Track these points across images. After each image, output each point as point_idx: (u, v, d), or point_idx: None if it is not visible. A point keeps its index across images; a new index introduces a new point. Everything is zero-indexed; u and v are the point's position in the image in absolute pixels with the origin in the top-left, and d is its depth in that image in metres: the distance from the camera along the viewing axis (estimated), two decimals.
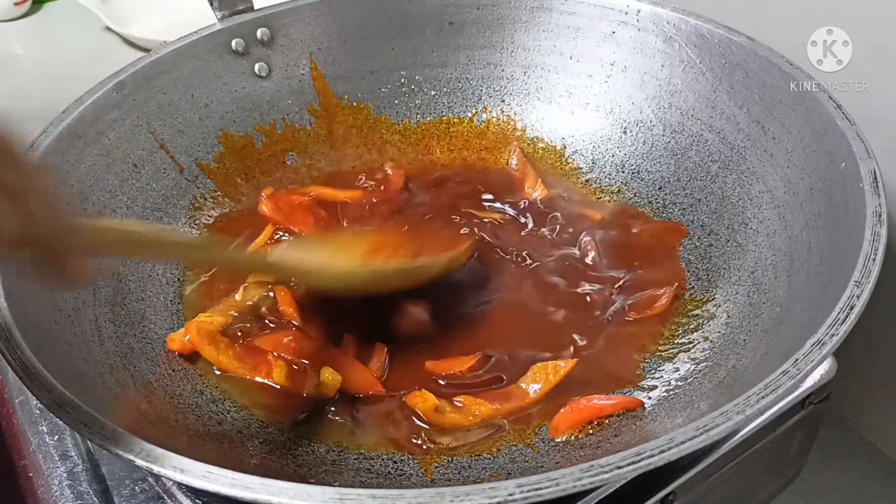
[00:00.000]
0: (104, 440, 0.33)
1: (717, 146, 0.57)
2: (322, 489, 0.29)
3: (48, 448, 0.46)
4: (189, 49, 0.61)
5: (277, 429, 0.46)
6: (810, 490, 0.62)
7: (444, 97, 0.69)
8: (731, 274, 0.51)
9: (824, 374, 0.47)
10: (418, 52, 0.68)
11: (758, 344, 0.44)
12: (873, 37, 0.55)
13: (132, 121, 0.57)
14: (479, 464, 0.43)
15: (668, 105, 0.60)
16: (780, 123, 0.52)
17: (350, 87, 0.68)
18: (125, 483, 0.44)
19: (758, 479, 0.50)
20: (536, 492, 0.29)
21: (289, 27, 0.65)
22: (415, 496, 0.29)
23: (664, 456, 0.30)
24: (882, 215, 0.40)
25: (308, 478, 0.42)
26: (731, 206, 0.54)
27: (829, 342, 0.34)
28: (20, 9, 1.00)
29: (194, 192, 0.60)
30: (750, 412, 0.32)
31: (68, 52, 0.93)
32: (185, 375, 0.48)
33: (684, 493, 0.43)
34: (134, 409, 0.42)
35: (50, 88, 0.84)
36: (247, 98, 0.64)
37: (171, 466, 0.31)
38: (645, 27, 0.61)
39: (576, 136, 0.65)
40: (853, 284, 0.37)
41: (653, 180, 0.60)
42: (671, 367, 0.48)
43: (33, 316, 0.42)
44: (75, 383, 0.37)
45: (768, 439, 0.46)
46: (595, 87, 0.64)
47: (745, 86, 0.55)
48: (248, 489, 0.30)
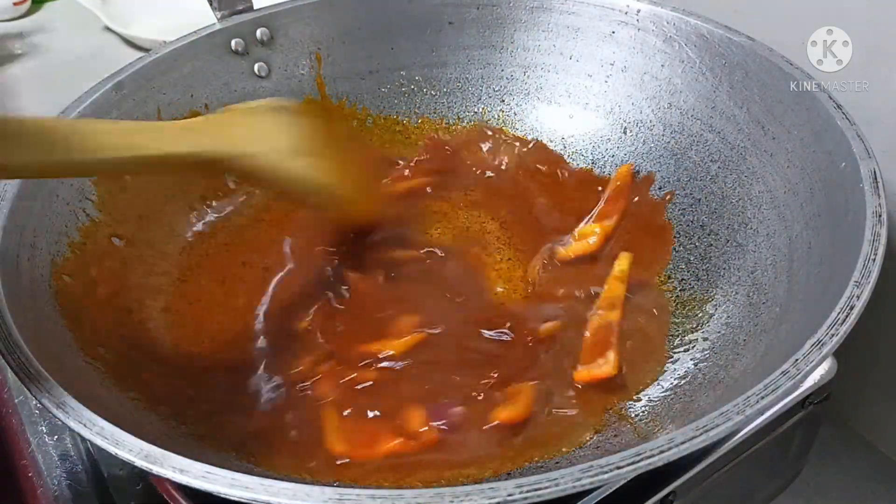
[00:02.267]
0: (104, 440, 0.33)
1: (717, 146, 0.57)
2: (321, 489, 0.29)
3: (48, 448, 0.46)
4: (189, 49, 0.60)
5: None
6: (810, 490, 0.62)
7: (444, 97, 0.69)
8: (730, 274, 0.51)
9: (824, 374, 0.47)
10: (418, 52, 0.68)
11: (758, 344, 0.44)
12: (873, 37, 0.55)
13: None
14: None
15: (668, 105, 0.60)
16: (780, 123, 0.52)
17: (350, 87, 0.68)
18: (125, 483, 0.44)
19: (758, 479, 0.50)
20: (536, 492, 0.29)
21: (288, 27, 0.65)
22: (414, 496, 0.29)
23: (664, 456, 0.30)
24: (882, 215, 0.40)
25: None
26: (731, 206, 0.54)
27: (829, 342, 0.34)
28: (20, 9, 1.00)
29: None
30: (750, 412, 0.32)
31: (68, 52, 0.93)
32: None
33: (684, 493, 0.43)
34: (133, 408, 0.42)
35: (50, 88, 0.84)
36: (246, 98, 0.64)
37: (171, 466, 0.31)
38: (645, 27, 0.61)
39: (576, 136, 0.65)
40: (853, 284, 0.37)
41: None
42: (671, 367, 0.48)
43: (33, 316, 0.42)
44: (75, 383, 0.37)
45: (768, 439, 0.46)
46: (595, 87, 0.64)
47: (745, 86, 0.55)
48: (248, 489, 0.30)
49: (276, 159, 0.45)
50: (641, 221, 0.58)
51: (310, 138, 0.48)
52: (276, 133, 0.47)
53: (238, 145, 0.43)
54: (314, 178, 0.48)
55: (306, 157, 0.47)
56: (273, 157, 0.45)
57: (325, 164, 0.49)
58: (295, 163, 0.46)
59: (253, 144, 0.44)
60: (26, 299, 0.42)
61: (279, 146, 0.46)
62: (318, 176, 0.48)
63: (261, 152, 0.44)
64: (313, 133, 0.49)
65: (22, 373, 0.36)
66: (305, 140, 0.48)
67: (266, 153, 0.44)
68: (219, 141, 0.43)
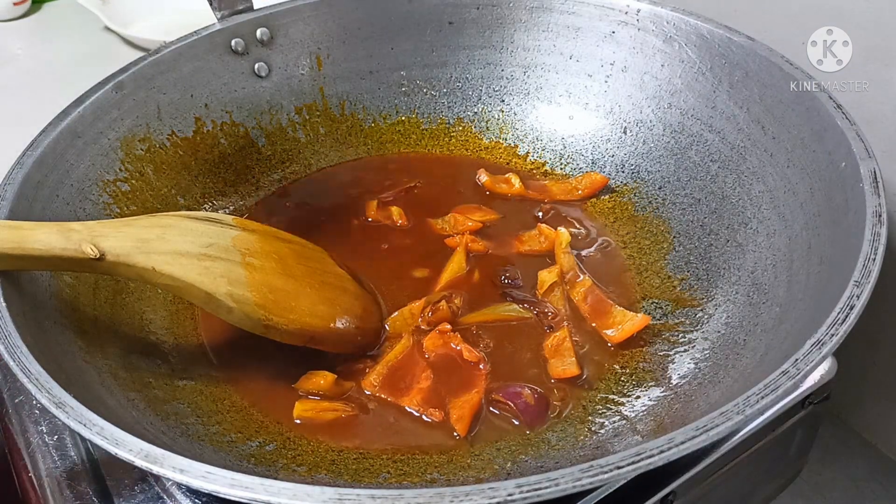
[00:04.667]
0: (104, 440, 0.33)
1: (717, 146, 0.57)
2: (321, 489, 0.29)
3: (48, 448, 0.46)
4: (189, 49, 0.61)
5: (277, 429, 0.46)
6: (810, 490, 0.62)
7: (443, 97, 0.69)
8: (731, 274, 0.51)
9: (824, 374, 0.47)
10: (418, 52, 0.68)
11: (758, 344, 0.44)
12: (873, 37, 0.55)
13: (132, 121, 0.57)
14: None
15: (668, 105, 0.60)
16: (780, 123, 0.52)
17: (350, 86, 0.68)
18: (125, 483, 0.44)
19: (758, 479, 0.50)
20: (536, 492, 0.29)
21: (288, 27, 0.65)
22: (414, 496, 0.29)
23: (664, 456, 0.30)
24: (882, 215, 0.40)
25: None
26: (731, 206, 0.54)
27: (829, 342, 0.34)
28: (20, 9, 1.00)
29: (195, 191, 0.60)
30: (750, 412, 0.32)
31: (68, 52, 0.93)
32: (184, 375, 0.48)
33: (684, 493, 0.43)
34: (133, 408, 0.42)
35: (50, 88, 0.84)
36: (247, 98, 0.64)
37: (171, 466, 0.31)
38: (645, 27, 0.61)
39: (576, 136, 0.65)
40: (853, 284, 0.37)
41: (653, 180, 0.60)
42: (671, 367, 0.48)
43: (33, 316, 0.42)
44: (75, 383, 0.37)
45: (768, 439, 0.46)
46: (595, 87, 0.64)
47: (745, 86, 0.55)
48: (248, 489, 0.30)
49: (159, 260, 0.43)
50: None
51: (218, 245, 0.46)
52: (169, 235, 0.45)
53: (110, 244, 0.43)
54: (201, 281, 0.44)
55: (200, 261, 0.44)
56: (155, 257, 0.43)
57: (234, 272, 0.46)
58: (179, 263, 0.44)
59: (130, 243, 0.43)
60: (26, 300, 0.42)
61: (164, 247, 0.44)
62: (210, 280, 0.44)
63: (133, 252, 0.43)
64: (233, 241, 0.47)
65: (22, 373, 0.36)
66: (210, 245, 0.46)
67: (140, 252, 0.43)
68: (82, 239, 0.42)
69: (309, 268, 0.50)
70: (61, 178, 0.50)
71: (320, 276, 0.51)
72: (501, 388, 0.47)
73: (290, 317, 0.47)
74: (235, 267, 0.46)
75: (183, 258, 0.44)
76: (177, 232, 0.45)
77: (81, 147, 0.53)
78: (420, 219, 0.61)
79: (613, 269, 0.56)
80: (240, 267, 0.46)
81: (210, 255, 0.45)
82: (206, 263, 0.45)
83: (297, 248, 0.52)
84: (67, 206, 0.50)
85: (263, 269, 0.47)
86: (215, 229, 0.47)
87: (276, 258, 0.49)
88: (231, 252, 0.46)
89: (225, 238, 0.47)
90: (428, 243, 0.59)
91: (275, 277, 0.48)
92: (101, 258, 0.42)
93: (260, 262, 0.47)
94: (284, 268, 0.49)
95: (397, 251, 0.58)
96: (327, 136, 0.67)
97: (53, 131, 0.51)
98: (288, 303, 0.47)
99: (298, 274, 0.49)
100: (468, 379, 0.48)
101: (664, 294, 0.53)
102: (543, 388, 0.47)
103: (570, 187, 0.62)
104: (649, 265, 0.56)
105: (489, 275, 0.56)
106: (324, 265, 0.52)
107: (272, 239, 0.50)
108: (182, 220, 0.46)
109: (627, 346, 0.50)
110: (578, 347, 0.50)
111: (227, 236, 0.47)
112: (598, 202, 0.62)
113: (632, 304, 0.53)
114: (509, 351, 0.50)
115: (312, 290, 0.49)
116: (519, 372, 0.49)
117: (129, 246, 0.43)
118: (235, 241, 0.47)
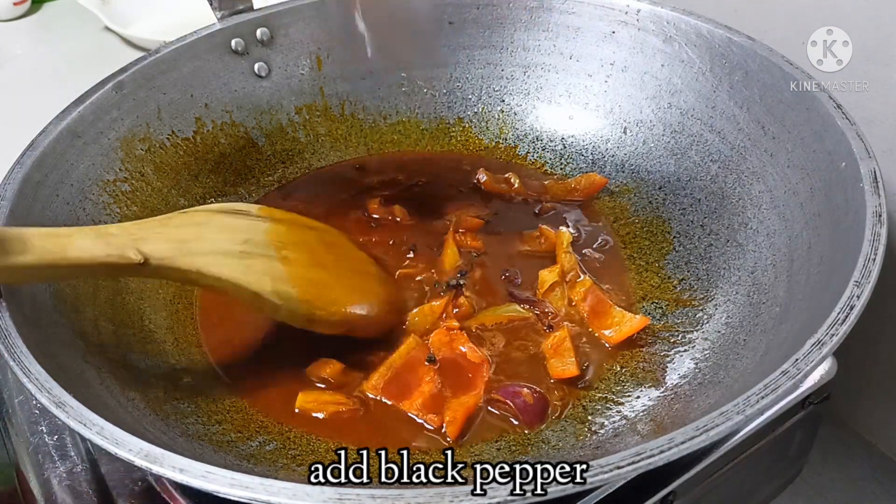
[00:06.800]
0: (104, 440, 0.33)
1: (717, 146, 0.57)
2: (321, 489, 0.29)
3: (48, 448, 0.46)
4: (189, 49, 0.60)
5: (277, 429, 0.46)
6: (810, 490, 0.62)
7: (443, 97, 0.69)
8: (731, 274, 0.51)
9: (824, 374, 0.47)
10: (418, 52, 0.68)
11: (758, 344, 0.44)
12: (873, 37, 0.55)
13: (132, 121, 0.57)
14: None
15: (668, 105, 0.60)
16: (780, 123, 0.52)
17: (350, 86, 0.68)
18: (125, 483, 0.44)
19: (758, 479, 0.50)
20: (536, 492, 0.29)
21: (288, 27, 0.65)
22: (414, 496, 0.29)
23: (664, 456, 0.30)
24: (882, 215, 0.40)
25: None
26: (731, 206, 0.54)
27: (829, 342, 0.34)
28: (20, 9, 1.00)
29: (195, 191, 0.60)
30: (750, 412, 0.32)
31: (68, 52, 0.93)
32: (184, 375, 0.48)
33: (684, 493, 0.43)
34: (133, 408, 0.42)
35: (50, 88, 0.84)
36: (247, 98, 0.64)
37: (171, 466, 0.31)
38: (645, 27, 0.61)
39: (576, 136, 0.65)
40: (853, 284, 0.37)
41: (653, 180, 0.60)
42: (671, 367, 0.48)
43: (33, 316, 0.42)
44: (75, 383, 0.37)
45: (768, 439, 0.46)
46: (595, 87, 0.64)
47: (745, 86, 0.55)
48: (247, 489, 0.30)
49: (203, 262, 0.43)
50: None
51: (253, 240, 0.46)
52: (206, 233, 0.44)
53: (149, 247, 0.42)
54: (247, 280, 0.44)
55: (241, 259, 0.44)
56: (198, 259, 0.43)
57: (274, 268, 0.46)
58: (222, 263, 0.43)
59: (170, 245, 0.42)
60: (26, 300, 0.42)
61: (204, 247, 0.43)
62: (255, 279, 0.44)
63: (176, 254, 0.42)
64: (267, 235, 0.47)
65: (22, 373, 0.36)
66: (246, 241, 0.46)
67: (182, 254, 0.42)
68: (128, 244, 0.41)
69: (337, 255, 0.51)
70: (61, 178, 0.50)
71: (347, 262, 0.52)
72: (501, 388, 0.47)
73: (332, 309, 0.48)
74: (274, 262, 0.46)
75: (224, 257, 0.44)
76: (212, 229, 0.45)
77: (81, 147, 0.53)
78: (420, 217, 0.61)
79: (613, 269, 0.56)
80: (277, 262, 0.46)
81: (249, 251, 0.45)
82: (247, 262, 0.45)
83: (321, 235, 0.52)
84: (67, 205, 0.50)
85: (299, 262, 0.48)
86: (247, 223, 0.47)
87: (307, 249, 0.49)
88: (267, 247, 0.46)
89: (258, 232, 0.47)
90: (428, 242, 0.59)
91: (310, 270, 0.48)
92: (146, 263, 0.41)
93: (294, 255, 0.47)
94: (316, 259, 0.49)
95: (397, 249, 0.58)
96: (327, 136, 0.67)
97: (53, 131, 0.51)
98: (329, 295, 0.48)
99: (329, 264, 0.50)
100: (469, 380, 0.48)
101: (664, 294, 0.53)
102: (543, 388, 0.47)
103: (569, 187, 0.62)
104: (649, 265, 0.56)
105: (489, 275, 0.56)
106: (347, 251, 0.53)
107: (299, 227, 0.51)
108: (213, 215, 0.46)
109: (627, 347, 0.50)
110: (578, 347, 0.50)
111: (260, 230, 0.47)
112: (597, 202, 0.62)
113: (631, 304, 0.53)
114: (509, 350, 0.50)
115: (345, 279, 0.50)
116: (518, 371, 0.49)
117: (171, 248, 0.42)
118: (268, 234, 0.47)
